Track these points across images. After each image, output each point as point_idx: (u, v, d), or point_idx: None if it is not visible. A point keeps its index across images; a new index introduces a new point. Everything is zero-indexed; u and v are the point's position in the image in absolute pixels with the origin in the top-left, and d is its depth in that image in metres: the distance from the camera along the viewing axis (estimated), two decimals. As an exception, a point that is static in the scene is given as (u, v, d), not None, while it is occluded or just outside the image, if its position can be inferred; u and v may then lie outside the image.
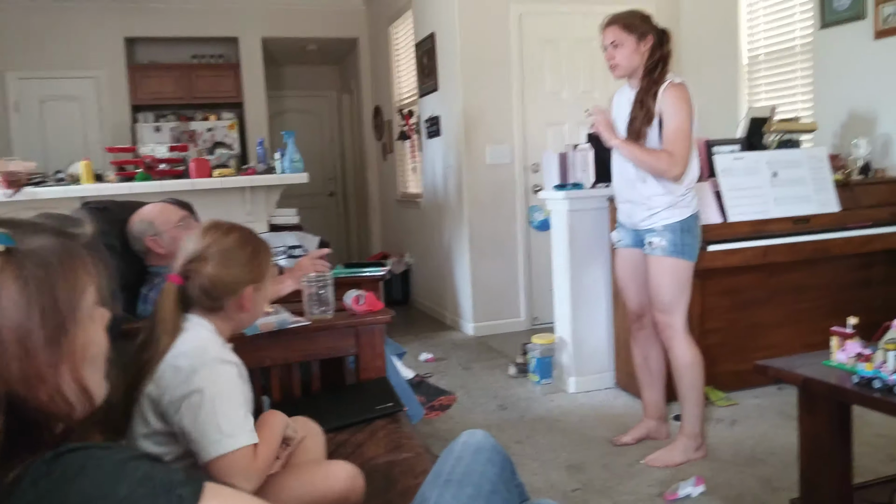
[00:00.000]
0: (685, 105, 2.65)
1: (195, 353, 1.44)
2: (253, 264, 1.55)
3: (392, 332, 4.94)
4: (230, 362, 1.47)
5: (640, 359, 3.06)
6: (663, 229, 2.74)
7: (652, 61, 2.71)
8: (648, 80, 2.71)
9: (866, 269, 3.67)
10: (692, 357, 2.81)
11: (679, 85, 2.69)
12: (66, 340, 0.84)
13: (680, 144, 2.64)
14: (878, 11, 3.78)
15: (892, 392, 1.81)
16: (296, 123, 8.46)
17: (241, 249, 1.54)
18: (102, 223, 2.40)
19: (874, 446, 2.82)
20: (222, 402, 1.39)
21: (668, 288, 2.76)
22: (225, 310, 1.54)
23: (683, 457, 2.80)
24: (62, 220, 0.92)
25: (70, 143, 6.89)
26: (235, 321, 1.57)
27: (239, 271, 1.53)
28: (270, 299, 2.30)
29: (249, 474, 1.39)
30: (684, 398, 2.85)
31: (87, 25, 6.91)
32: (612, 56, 2.74)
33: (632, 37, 2.70)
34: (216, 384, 1.40)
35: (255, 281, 1.55)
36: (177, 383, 1.40)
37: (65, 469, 0.77)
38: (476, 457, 1.36)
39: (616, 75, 2.80)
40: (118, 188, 3.97)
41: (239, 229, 1.59)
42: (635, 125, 2.72)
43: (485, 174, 5.17)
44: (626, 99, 2.82)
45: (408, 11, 6.17)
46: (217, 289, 1.51)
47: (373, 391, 2.19)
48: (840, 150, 3.98)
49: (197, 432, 1.37)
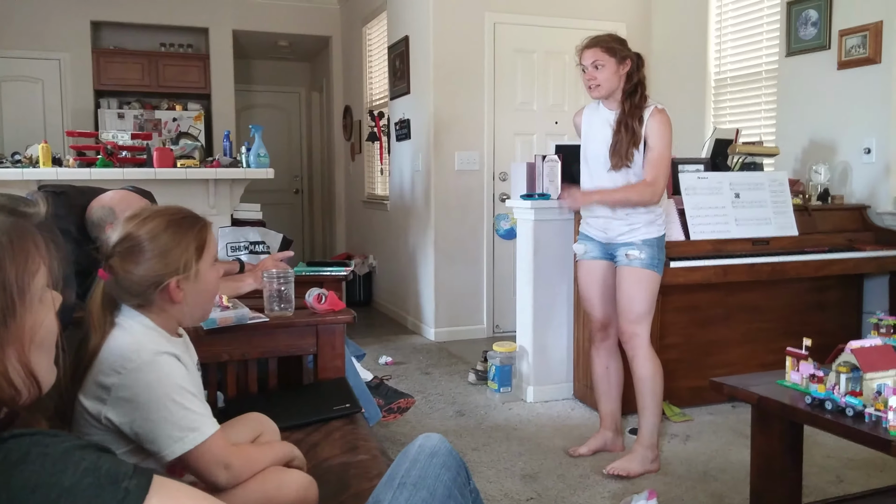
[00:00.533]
0: (669, 133, 2.79)
1: (131, 353, 1.35)
2: (172, 255, 1.41)
3: (352, 334, 4.90)
4: (168, 353, 1.38)
5: (601, 369, 3.09)
6: (643, 244, 2.83)
7: (630, 85, 2.81)
8: (630, 104, 2.80)
9: (821, 293, 3.76)
10: (655, 368, 2.87)
11: (663, 111, 2.81)
12: (14, 322, 0.81)
13: (661, 173, 2.78)
14: (841, 42, 3.88)
15: (843, 414, 1.84)
16: (264, 119, 8.37)
17: (155, 241, 1.40)
18: (59, 207, 2.33)
19: (824, 467, 2.87)
20: (174, 399, 1.34)
21: (640, 298, 2.84)
22: (155, 304, 1.42)
23: (641, 467, 2.84)
24: (14, 199, 0.89)
25: (29, 125, 6.71)
26: (174, 314, 1.46)
27: (156, 264, 1.40)
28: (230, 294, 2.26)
29: (225, 461, 1.37)
30: (644, 408, 2.89)
31: (53, 6, 6.74)
32: (594, 77, 2.80)
33: (612, 59, 2.78)
34: (162, 382, 1.34)
35: (178, 272, 1.41)
36: (120, 386, 1.33)
37: (7, 454, 0.73)
38: (431, 461, 1.34)
39: (595, 95, 2.87)
40: (77, 173, 3.88)
41: (159, 217, 1.44)
42: (621, 148, 2.79)
43: (453, 180, 5.17)
44: (602, 119, 2.89)
45: (382, 13, 6.15)
46: (135, 284, 1.40)
47: (331, 391, 2.16)
48: (800, 175, 4.07)
49: (154, 433, 1.32)
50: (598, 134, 2.88)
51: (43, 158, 3.97)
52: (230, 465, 1.38)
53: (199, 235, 1.47)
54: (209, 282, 1.49)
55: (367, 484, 1.58)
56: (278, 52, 8.35)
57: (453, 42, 5.08)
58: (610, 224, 2.89)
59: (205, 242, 1.47)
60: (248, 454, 1.45)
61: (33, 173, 3.86)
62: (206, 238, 1.48)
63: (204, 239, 1.47)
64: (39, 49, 6.77)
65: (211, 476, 1.37)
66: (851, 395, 1.84)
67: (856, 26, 3.81)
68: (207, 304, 1.54)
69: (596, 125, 2.91)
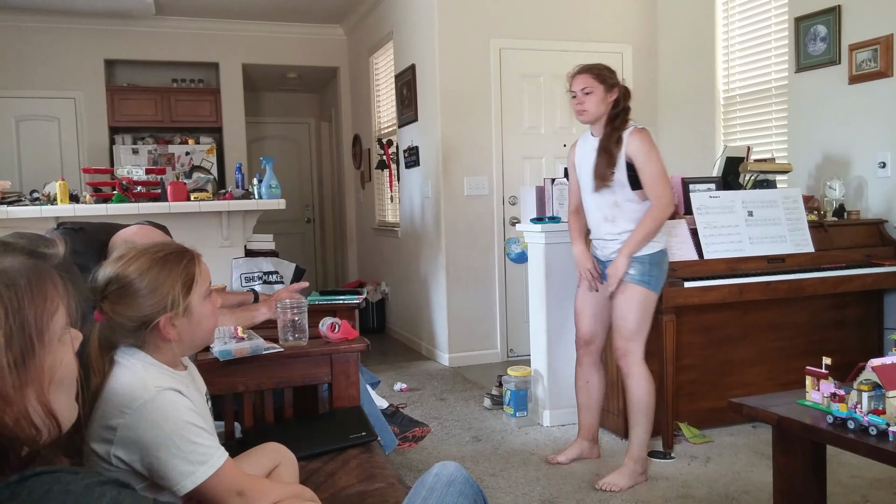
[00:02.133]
0: (654, 149, 2.89)
1: (134, 392, 1.34)
2: (159, 293, 1.39)
3: (367, 361, 4.89)
4: (171, 389, 1.37)
5: (583, 382, 3.22)
6: (633, 261, 2.91)
7: (615, 112, 2.94)
8: (611, 128, 2.94)
9: (840, 310, 3.72)
10: (647, 385, 2.97)
11: (643, 130, 2.92)
12: (33, 363, 0.81)
13: (662, 188, 2.87)
14: (852, 57, 3.88)
15: (866, 433, 1.82)
16: (274, 150, 8.46)
17: (142, 279, 1.39)
18: (77, 244, 2.35)
19: (848, 487, 2.82)
20: (181, 434, 1.33)
21: (633, 315, 2.93)
22: (149, 343, 1.41)
23: (631, 481, 2.92)
24: (35, 239, 0.90)
25: (46, 162, 6.81)
26: (170, 350, 1.44)
27: (144, 303, 1.39)
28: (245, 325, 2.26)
29: (237, 488, 1.37)
30: (636, 424, 2.98)
31: (67, 46, 6.87)
32: (582, 101, 2.95)
33: (601, 86, 2.92)
34: (167, 419, 1.33)
35: (167, 309, 1.39)
36: (125, 426, 1.32)
37: (31, 493, 0.74)
38: (448, 489, 1.34)
39: (583, 120, 3.00)
40: (94, 209, 3.93)
41: (144, 256, 1.42)
42: (600, 168, 2.92)
43: (463, 205, 5.18)
44: (590, 147, 3.02)
45: (388, 42, 6.22)
46: (126, 324, 1.39)
47: (346, 420, 2.15)
48: (814, 191, 4.05)
49: (164, 469, 1.32)
50: (588, 160, 3.02)
51: (60, 195, 4.02)
52: (243, 492, 1.38)
53: (187, 271, 1.45)
54: (203, 315, 1.47)
55: (385, 513, 1.57)
56: (287, 83, 8.45)
57: (459, 69, 5.13)
58: (606, 243, 3.03)
59: (193, 277, 1.45)
60: (260, 483, 1.45)
61: (51, 210, 3.91)
62: (193, 272, 1.46)
63: (192, 274, 1.45)
64: (55, 88, 6.89)
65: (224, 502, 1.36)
66: (874, 413, 1.81)
67: (866, 40, 3.81)
68: (206, 335, 1.51)
69: (586, 153, 3.05)
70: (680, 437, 3.40)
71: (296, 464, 1.66)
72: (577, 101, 2.95)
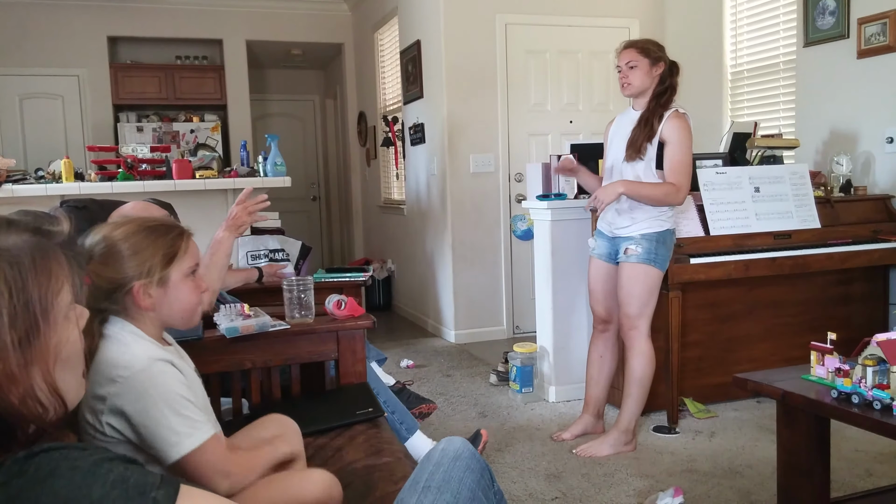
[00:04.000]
0: (689, 137, 2.89)
1: (126, 361, 1.36)
2: (138, 258, 1.41)
3: (373, 338, 4.92)
4: (162, 359, 1.39)
5: (596, 356, 3.24)
6: (640, 238, 2.94)
7: (661, 88, 2.95)
8: (656, 104, 2.94)
9: (846, 286, 3.71)
10: (648, 360, 3.01)
11: (683, 115, 2.92)
12: (38, 341, 0.82)
13: (684, 177, 2.88)
14: (861, 31, 3.84)
15: (870, 408, 1.82)
16: (279, 127, 8.43)
17: (125, 242, 1.42)
18: (81, 222, 2.35)
19: (852, 461, 2.84)
20: (168, 403, 1.34)
21: (638, 293, 2.96)
22: (129, 309, 1.42)
23: (612, 449, 2.99)
24: (39, 217, 0.90)
25: (50, 140, 6.81)
26: (148, 320, 1.45)
27: (123, 266, 1.41)
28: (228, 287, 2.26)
29: (224, 469, 1.37)
30: (629, 396, 3.03)
31: (70, 23, 6.84)
32: (626, 75, 2.96)
33: (646, 60, 2.93)
34: (157, 388, 1.34)
35: (142, 277, 1.41)
36: (115, 395, 1.34)
37: (38, 469, 0.74)
38: (455, 464, 1.35)
39: (626, 93, 3.02)
40: (99, 187, 3.93)
41: (134, 223, 1.46)
42: (637, 141, 2.93)
43: (468, 183, 5.17)
44: (629, 119, 3.03)
45: (393, 18, 6.17)
46: (105, 286, 1.41)
47: (354, 396, 2.17)
48: (821, 166, 4.02)
49: (153, 438, 1.33)
50: (624, 132, 3.02)
51: (65, 174, 4.02)
52: (230, 473, 1.38)
53: (172, 243, 1.46)
54: (181, 292, 1.47)
55: (392, 487, 1.59)
56: (292, 60, 8.41)
57: (465, 45, 5.09)
58: (615, 218, 3.02)
59: (176, 251, 1.46)
60: (245, 460, 1.45)
61: (56, 188, 3.92)
62: (178, 247, 1.46)
63: (176, 247, 1.46)
64: (59, 66, 6.87)
65: (212, 485, 1.36)
66: (879, 388, 1.82)
67: (875, 14, 3.76)
68: (184, 314, 1.50)
69: (624, 126, 3.05)
70: (685, 413, 3.42)
71: (299, 433, 1.67)
72: (622, 75, 2.97)
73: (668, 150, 2.88)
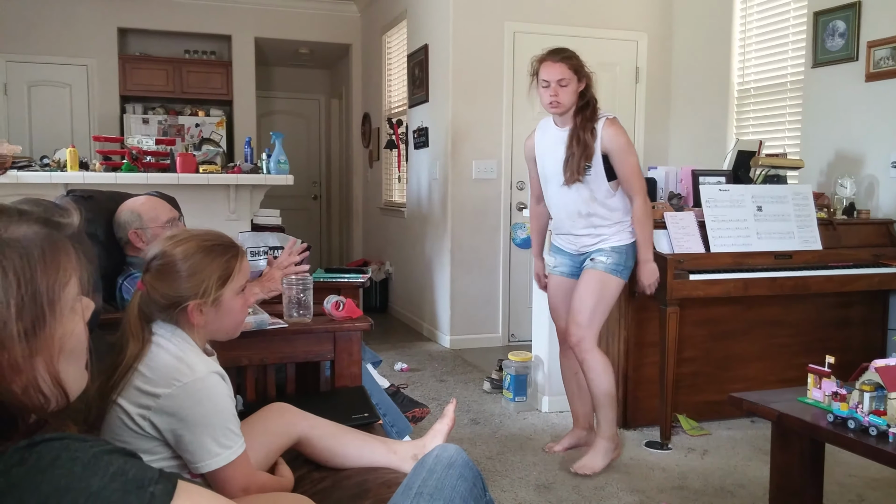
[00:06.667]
0: (629, 140, 2.88)
1: (184, 367, 1.42)
2: (196, 279, 1.46)
3: (368, 340, 4.91)
4: (218, 373, 1.46)
5: (570, 373, 3.20)
6: (611, 250, 2.94)
7: (582, 102, 2.85)
8: (582, 118, 2.83)
9: (845, 309, 3.71)
10: (604, 365, 2.96)
11: (614, 120, 2.86)
12: (44, 332, 0.82)
13: (641, 180, 2.91)
14: (870, 54, 3.84)
15: (866, 433, 1.82)
16: (284, 125, 8.44)
17: (182, 263, 1.46)
18: (87, 211, 2.35)
19: (845, 486, 2.83)
20: (220, 416, 1.41)
21: (592, 301, 2.91)
22: (178, 322, 1.48)
23: (605, 459, 2.97)
24: (50, 208, 0.90)
25: (57, 129, 6.81)
26: (198, 332, 1.51)
27: (180, 285, 1.46)
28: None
29: (244, 484, 1.43)
30: (600, 406, 3.00)
31: (81, 13, 6.84)
32: (557, 93, 2.81)
33: (576, 77, 2.82)
34: (212, 399, 1.41)
35: (197, 297, 1.46)
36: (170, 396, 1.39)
37: (39, 458, 0.75)
38: (448, 471, 1.35)
39: (556, 112, 2.89)
40: (103, 177, 3.93)
41: (194, 241, 1.50)
42: (573, 163, 2.83)
43: (470, 188, 5.17)
44: (553, 137, 2.95)
45: (402, 21, 6.18)
46: (160, 300, 1.47)
47: (350, 400, 2.16)
48: (825, 188, 4.02)
49: (194, 445, 1.39)
50: (553, 153, 2.94)
51: (70, 162, 4.03)
52: (248, 488, 1.44)
53: (227, 264, 1.51)
54: (232, 310, 1.54)
55: (386, 492, 1.58)
56: (299, 59, 8.42)
57: (473, 51, 5.10)
58: (578, 238, 3.00)
59: (231, 272, 1.51)
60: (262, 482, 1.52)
61: (61, 177, 3.92)
62: (233, 267, 1.52)
63: (231, 268, 1.52)
64: (68, 55, 6.87)
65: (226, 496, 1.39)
66: (875, 414, 1.82)
67: (885, 37, 3.76)
68: (230, 329, 1.58)
69: (549, 145, 2.97)
70: (678, 429, 3.41)
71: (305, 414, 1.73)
72: (550, 93, 2.79)
73: (615, 161, 2.83)
